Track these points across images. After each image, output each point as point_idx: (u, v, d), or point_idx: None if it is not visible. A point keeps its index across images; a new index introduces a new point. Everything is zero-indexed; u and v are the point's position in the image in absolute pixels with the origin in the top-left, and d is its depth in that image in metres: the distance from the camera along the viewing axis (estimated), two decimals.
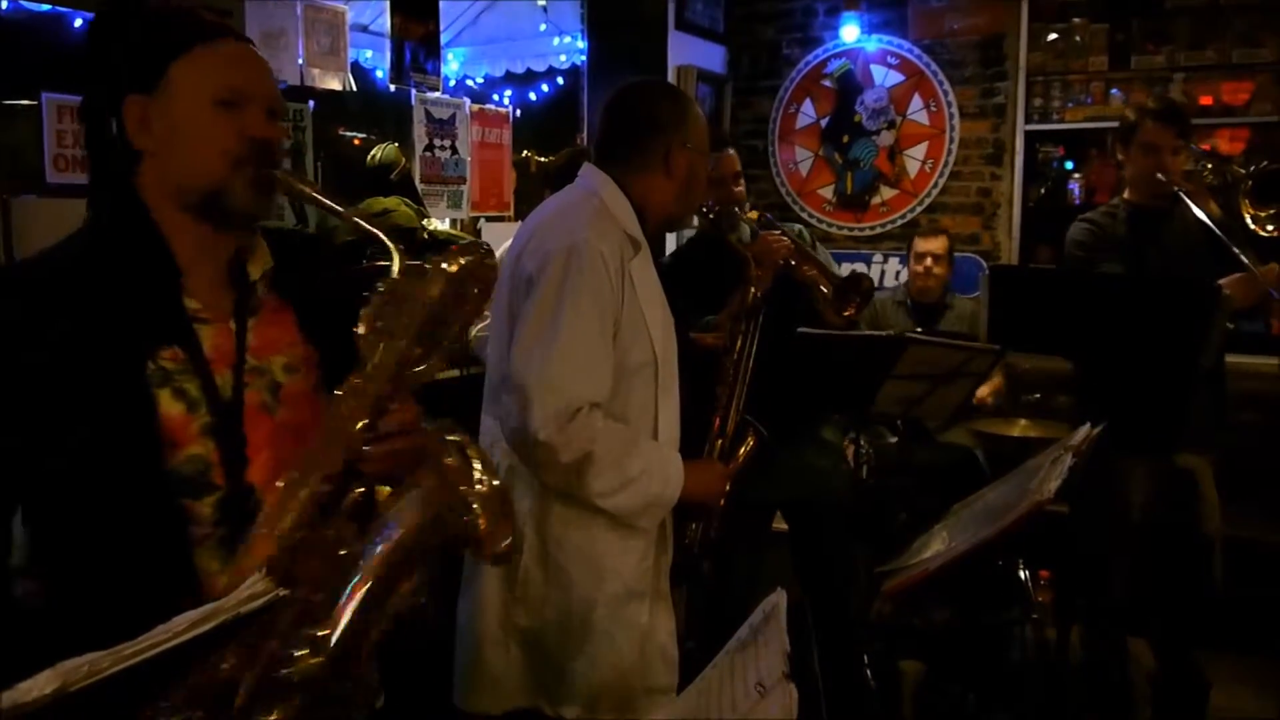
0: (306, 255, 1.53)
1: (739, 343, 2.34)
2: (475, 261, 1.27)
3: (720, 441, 2.26)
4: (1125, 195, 3.25)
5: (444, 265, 1.25)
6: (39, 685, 0.90)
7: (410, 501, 1.21)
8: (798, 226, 3.43)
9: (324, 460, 1.21)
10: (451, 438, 1.26)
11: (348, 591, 1.16)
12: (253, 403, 1.35)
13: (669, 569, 2.15)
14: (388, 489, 1.27)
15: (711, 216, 2.40)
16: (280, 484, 1.21)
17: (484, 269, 1.29)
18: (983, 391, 4.01)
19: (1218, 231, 2.94)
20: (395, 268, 1.25)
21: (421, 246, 4.06)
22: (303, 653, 1.12)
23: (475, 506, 1.22)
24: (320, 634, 1.13)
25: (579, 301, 1.90)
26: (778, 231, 2.98)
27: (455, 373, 3.11)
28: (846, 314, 2.90)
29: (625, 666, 2.04)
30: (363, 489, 1.25)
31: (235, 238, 1.38)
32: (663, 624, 2.11)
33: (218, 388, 1.31)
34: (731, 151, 3.14)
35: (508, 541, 1.22)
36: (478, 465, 1.25)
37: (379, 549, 1.18)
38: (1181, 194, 3.01)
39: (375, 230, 1.29)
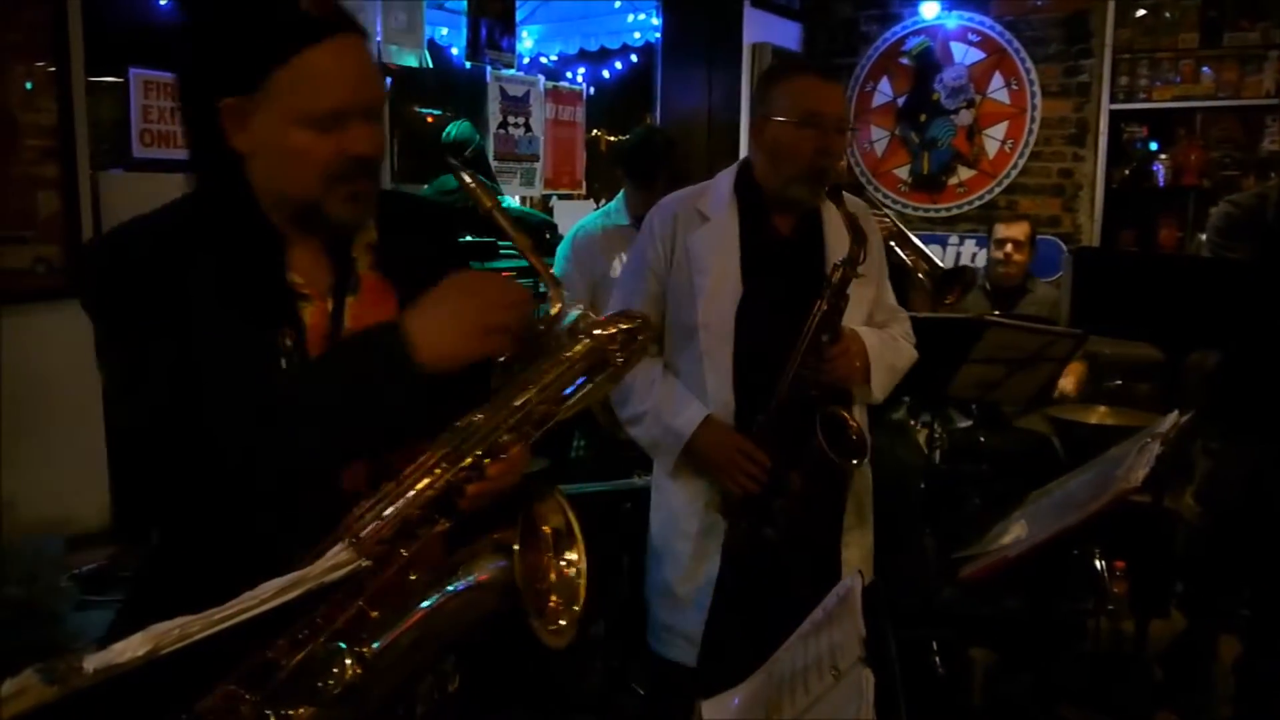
0: (429, 230, 1.47)
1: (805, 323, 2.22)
2: (626, 333, 1.23)
3: (763, 414, 2.15)
4: None
5: (596, 331, 1.22)
6: (132, 647, 0.92)
7: (491, 563, 1.19)
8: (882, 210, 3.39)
9: (421, 483, 1.17)
10: (559, 499, 1.25)
11: (401, 620, 1.17)
12: None
13: (724, 532, 2.22)
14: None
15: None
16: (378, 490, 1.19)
17: (635, 340, 1.24)
18: (1065, 384, 3.92)
19: None
20: (553, 308, 1.22)
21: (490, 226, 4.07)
22: (347, 662, 1.14)
23: (552, 586, 1.22)
24: (366, 649, 1.15)
25: (633, 251, 2.39)
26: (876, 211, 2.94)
27: None
28: (947, 302, 2.87)
29: (660, 592, 2.29)
30: (449, 524, 1.19)
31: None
32: (704, 572, 2.23)
33: None
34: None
35: (561, 638, 1.19)
36: (576, 543, 1.24)
37: (444, 598, 1.18)
38: None
39: (540, 265, 1.26)
